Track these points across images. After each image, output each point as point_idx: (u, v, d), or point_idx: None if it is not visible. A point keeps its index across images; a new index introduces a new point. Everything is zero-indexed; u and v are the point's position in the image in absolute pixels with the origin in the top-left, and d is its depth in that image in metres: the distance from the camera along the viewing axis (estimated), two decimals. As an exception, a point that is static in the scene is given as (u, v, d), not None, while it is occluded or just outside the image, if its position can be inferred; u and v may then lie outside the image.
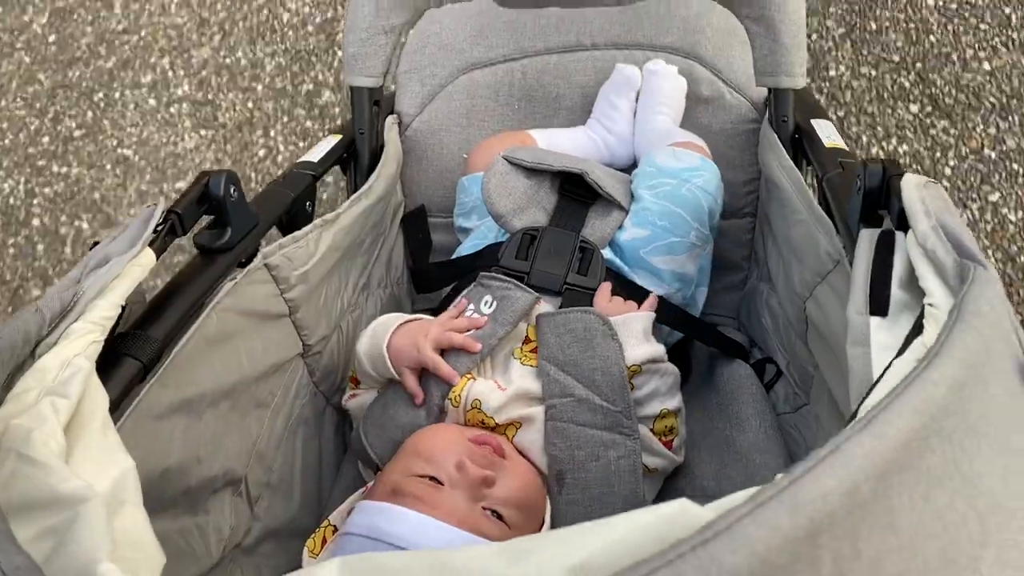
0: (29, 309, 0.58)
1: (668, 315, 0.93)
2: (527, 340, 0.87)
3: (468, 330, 0.84)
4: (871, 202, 0.68)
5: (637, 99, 1.13)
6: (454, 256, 1.06)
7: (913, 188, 0.62)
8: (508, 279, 0.88)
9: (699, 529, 0.29)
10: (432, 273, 1.08)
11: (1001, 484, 0.37)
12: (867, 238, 0.63)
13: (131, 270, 0.64)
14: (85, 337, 0.58)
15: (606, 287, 0.90)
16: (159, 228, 0.69)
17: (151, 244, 0.67)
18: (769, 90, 0.99)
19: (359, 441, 0.86)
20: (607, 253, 0.96)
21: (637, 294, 0.93)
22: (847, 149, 0.88)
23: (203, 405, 0.72)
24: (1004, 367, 0.43)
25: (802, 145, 0.95)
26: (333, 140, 1.04)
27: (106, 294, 0.62)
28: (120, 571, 0.38)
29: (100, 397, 0.57)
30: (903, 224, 0.62)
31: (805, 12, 0.94)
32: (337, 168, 1.05)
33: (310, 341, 0.92)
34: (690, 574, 0.27)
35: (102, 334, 0.60)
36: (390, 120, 1.15)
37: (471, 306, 0.87)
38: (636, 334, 0.83)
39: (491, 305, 0.86)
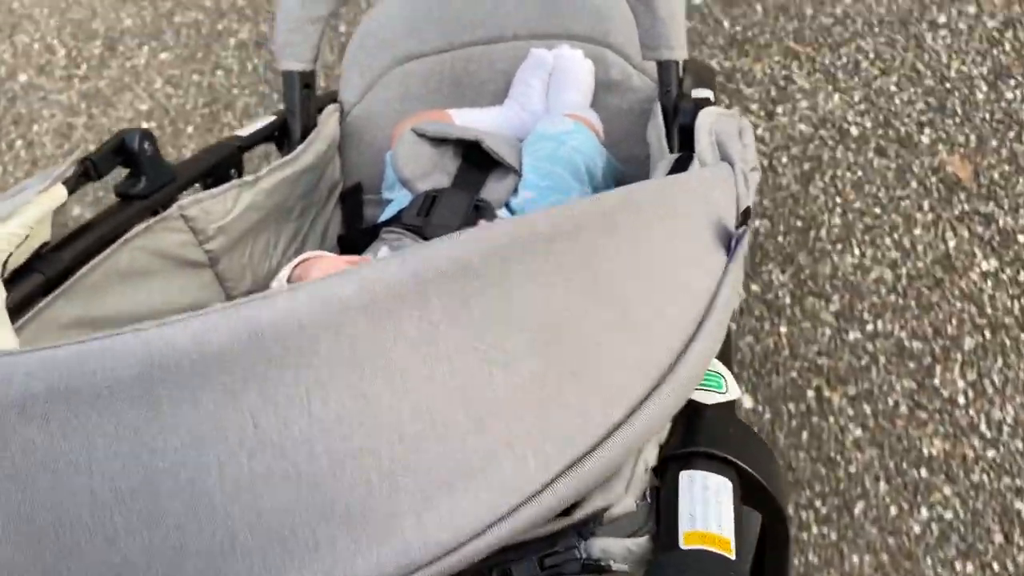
0: (-56, 221, 0.69)
1: None
2: None
3: None
4: (687, 134, 0.76)
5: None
6: (376, 223, 1.16)
7: (705, 116, 0.71)
8: (404, 231, 0.98)
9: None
10: (355, 237, 1.18)
11: (645, 293, 0.45)
12: (666, 162, 0.72)
13: (41, 198, 0.75)
14: (-11, 246, 0.69)
15: (481, 224, 0.99)
16: (76, 172, 0.80)
17: (64, 183, 0.78)
18: (656, 63, 1.08)
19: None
20: (504, 213, 1.05)
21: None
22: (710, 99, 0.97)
23: (113, 327, 0.82)
24: (691, 219, 0.51)
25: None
26: (267, 119, 1.16)
27: (15, 215, 0.73)
28: None
29: (-4, 292, 0.67)
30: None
31: (681, -10, 1.03)
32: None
33: (234, 293, 1.02)
34: (303, 296, 0.36)
35: (8, 245, 0.71)
36: (332, 107, 1.26)
37: (370, 256, 0.97)
38: None
39: (385, 255, 0.96)
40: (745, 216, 0.53)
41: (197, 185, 0.99)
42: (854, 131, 1.64)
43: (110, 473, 0.34)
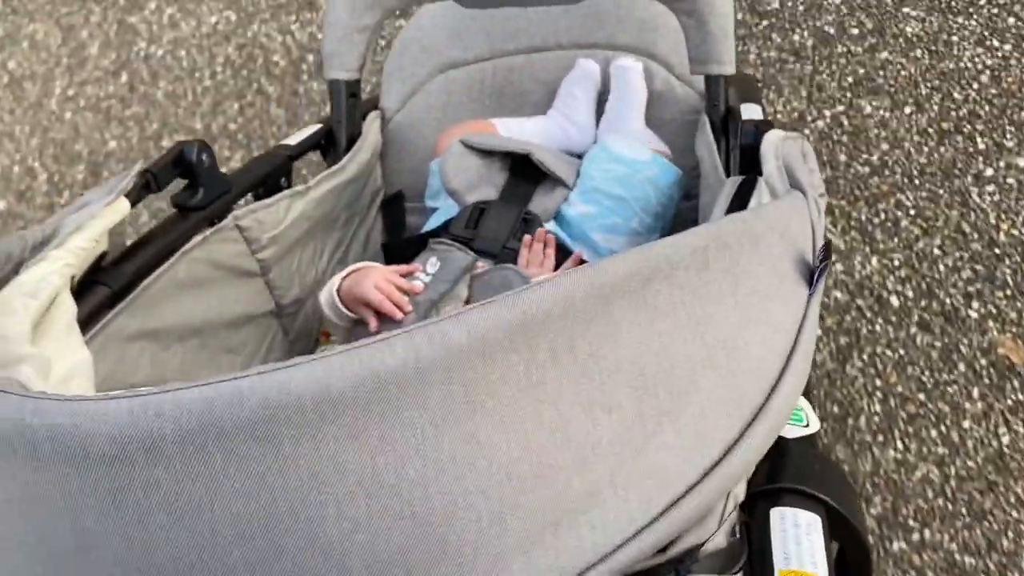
0: (14, 236, 0.70)
1: None
2: (467, 301, 0.96)
3: (407, 290, 0.93)
4: (747, 156, 0.76)
5: (601, 94, 1.24)
6: (421, 232, 1.16)
7: (771, 140, 0.71)
8: (452, 243, 0.99)
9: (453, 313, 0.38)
10: (400, 247, 1.19)
11: (735, 331, 0.46)
12: (730, 184, 0.72)
13: (106, 212, 0.76)
14: (60, 260, 0.70)
15: (526, 239, 1.00)
16: (136, 183, 0.81)
17: (127, 195, 0.79)
18: (705, 78, 1.09)
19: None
20: (552, 226, 1.06)
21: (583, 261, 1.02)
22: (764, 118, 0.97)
23: (171, 338, 0.84)
24: (772, 253, 0.51)
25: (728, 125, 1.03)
26: (314, 128, 1.16)
27: (82, 230, 0.74)
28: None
29: (68, 306, 0.68)
30: (767, 171, 0.71)
31: (732, 5, 1.03)
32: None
33: (283, 301, 1.03)
34: (420, 340, 0.37)
35: (75, 259, 0.71)
36: (373, 114, 1.27)
37: (419, 267, 0.98)
38: None
39: (435, 265, 0.96)
40: (827, 250, 0.53)
41: (249, 195, 1.00)
42: (894, 301, 1.48)
43: (232, 512, 0.35)
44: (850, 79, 1.70)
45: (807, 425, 0.51)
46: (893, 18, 1.75)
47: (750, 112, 1.02)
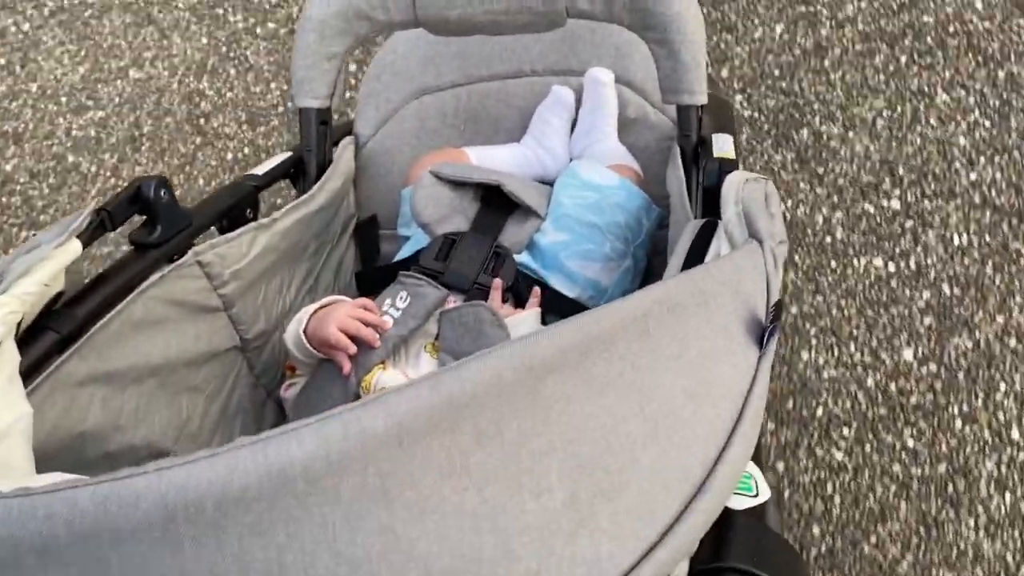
0: (-43, 282, 0.68)
1: (574, 313, 1.00)
2: (438, 337, 0.95)
3: (375, 325, 0.91)
4: (710, 197, 0.75)
5: (576, 113, 1.23)
6: (392, 261, 1.15)
7: (732, 182, 0.70)
8: (422, 277, 0.97)
9: (354, 401, 0.37)
10: (372, 276, 1.17)
11: (679, 401, 0.44)
12: (691, 228, 0.71)
13: (56, 254, 0.74)
14: (4, 307, 0.68)
15: (497, 283, 0.98)
16: (90, 223, 0.79)
17: (79, 236, 0.77)
18: (677, 107, 1.07)
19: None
20: (525, 257, 1.04)
21: (548, 294, 1.01)
22: (732, 158, 0.95)
23: (126, 380, 0.82)
24: (723, 313, 0.50)
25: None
26: (282, 157, 1.14)
27: (30, 274, 0.72)
28: None
29: (11, 355, 0.66)
30: (726, 214, 0.69)
31: (704, 35, 1.02)
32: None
33: (248, 335, 1.01)
34: (333, 429, 0.35)
35: (20, 306, 0.70)
36: (346, 140, 1.25)
37: (388, 301, 0.96)
38: (526, 330, 0.90)
39: (405, 300, 0.94)
40: (777, 310, 0.51)
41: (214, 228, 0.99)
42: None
43: None
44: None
45: (756, 495, 0.49)
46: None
47: (721, 143, 1.01)
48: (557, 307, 1.00)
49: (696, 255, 0.67)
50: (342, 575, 0.34)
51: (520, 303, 1.01)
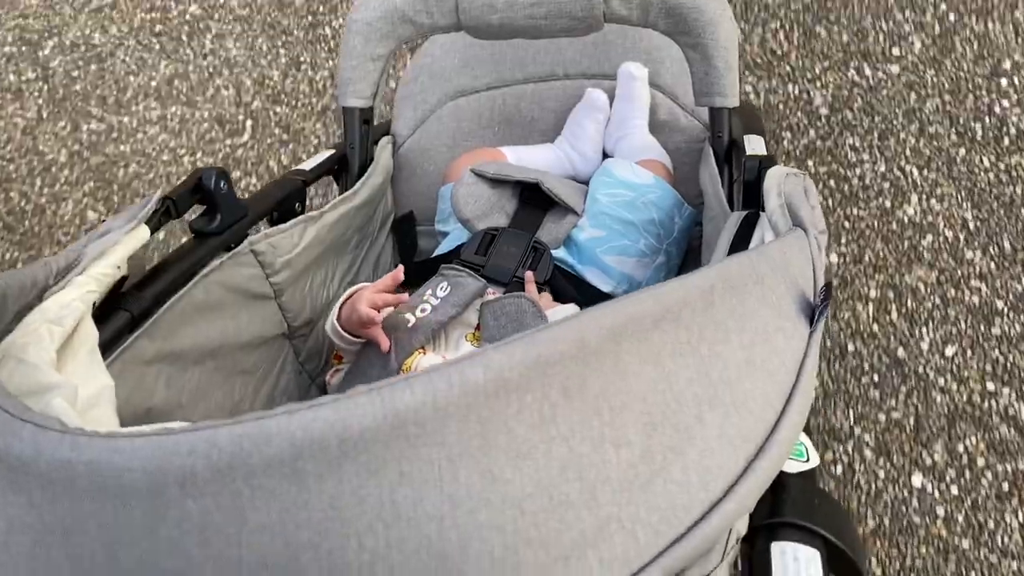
0: (40, 262, 0.72)
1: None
2: (478, 327, 0.98)
3: (394, 299, 0.95)
4: (750, 191, 0.78)
5: (607, 114, 1.27)
6: (432, 256, 1.19)
7: (774, 176, 0.73)
8: (463, 269, 1.01)
9: (458, 357, 0.40)
10: (411, 270, 1.21)
11: (740, 369, 0.48)
12: (734, 219, 0.74)
13: (127, 239, 0.78)
14: (83, 287, 0.72)
15: (529, 275, 1.02)
16: (156, 210, 0.84)
17: (147, 222, 0.82)
18: (709, 109, 1.11)
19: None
20: (562, 252, 1.08)
21: (583, 289, 1.04)
22: (769, 155, 0.99)
23: (188, 360, 0.86)
24: (775, 291, 0.53)
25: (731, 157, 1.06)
26: (327, 153, 1.19)
27: (105, 256, 0.76)
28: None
29: (90, 332, 0.70)
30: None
31: (736, 41, 1.06)
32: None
33: (295, 323, 1.05)
34: (439, 380, 0.39)
35: (97, 286, 0.74)
36: (384, 140, 1.29)
37: (428, 291, 1.00)
38: None
39: (445, 289, 0.98)
40: (827, 291, 0.55)
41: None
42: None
43: (258, 544, 0.37)
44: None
45: (807, 460, 0.52)
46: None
47: (753, 144, 1.05)
48: (593, 301, 1.03)
49: (740, 242, 0.71)
50: (446, 511, 0.38)
51: (557, 296, 1.05)
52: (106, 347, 0.75)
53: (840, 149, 1.69)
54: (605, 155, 1.30)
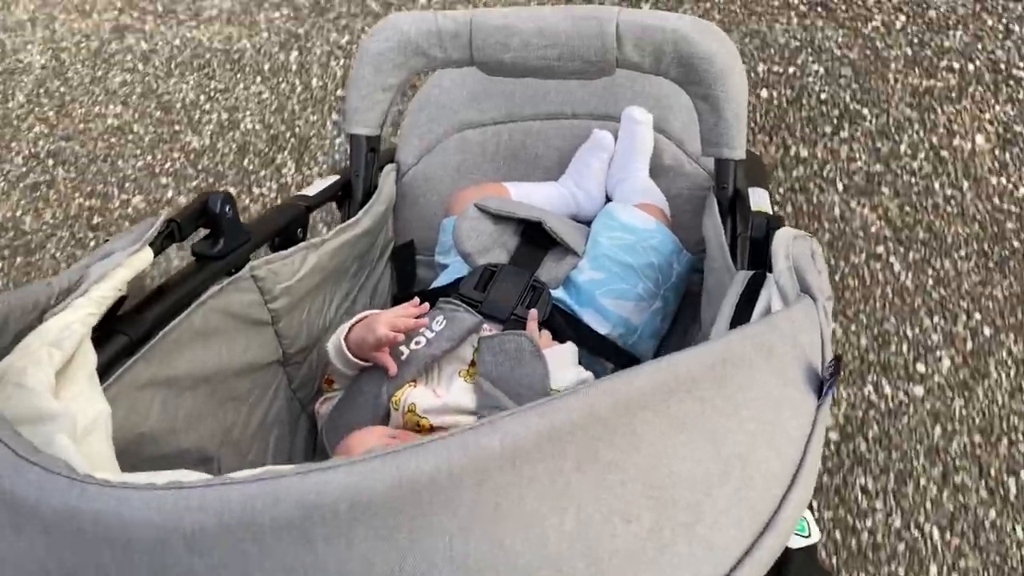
0: (42, 283, 0.72)
1: (604, 349, 1.04)
2: (473, 363, 0.98)
3: (415, 324, 0.96)
4: (757, 249, 0.79)
5: (612, 155, 1.28)
6: (431, 288, 1.18)
7: (782, 237, 0.74)
8: (460, 304, 1.01)
9: (472, 423, 0.40)
10: (408, 300, 1.21)
11: (749, 444, 0.48)
12: (740, 278, 0.75)
13: (130, 261, 0.78)
14: (84, 309, 0.72)
15: (532, 313, 1.02)
16: (160, 232, 0.83)
17: (151, 244, 0.81)
18: (715, 160, 1.12)
19: (322, 442, 0.98)
20: (560, 292, 1.08)
21: (580, 330, 1.04)
22: (773, 214, 1.00)
23: (183, 385, 0.85)
24: (784, 363, 0.53)
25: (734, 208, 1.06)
26: (331, 179, 1.19)
27: (107, 279, 0.75)
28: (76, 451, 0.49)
29: (89, 355, 0.70)
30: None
31: (747, 93, 1.07)
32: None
33: (290, 351, 1.04)
34: (454, 447, 0.39)
35: (98, 308, 0.73)
36: (388, 167, 1.29)
37: (425, 320, 0.99)
38: (563, 363, 0.94)
39: (441, 323, 0.98)
40: (837, 364, 0.55)
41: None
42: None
43: None
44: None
45: (808, 535, 0.52)
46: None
47: (758, 197, 1.05)
48: (589, 343, 1.04)
49: (746, 303, 0.71)
50: None
51: (554, 336, 1.05)
52: (103, 370, 0.74)
53: (850, 490, 1.39)
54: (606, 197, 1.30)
